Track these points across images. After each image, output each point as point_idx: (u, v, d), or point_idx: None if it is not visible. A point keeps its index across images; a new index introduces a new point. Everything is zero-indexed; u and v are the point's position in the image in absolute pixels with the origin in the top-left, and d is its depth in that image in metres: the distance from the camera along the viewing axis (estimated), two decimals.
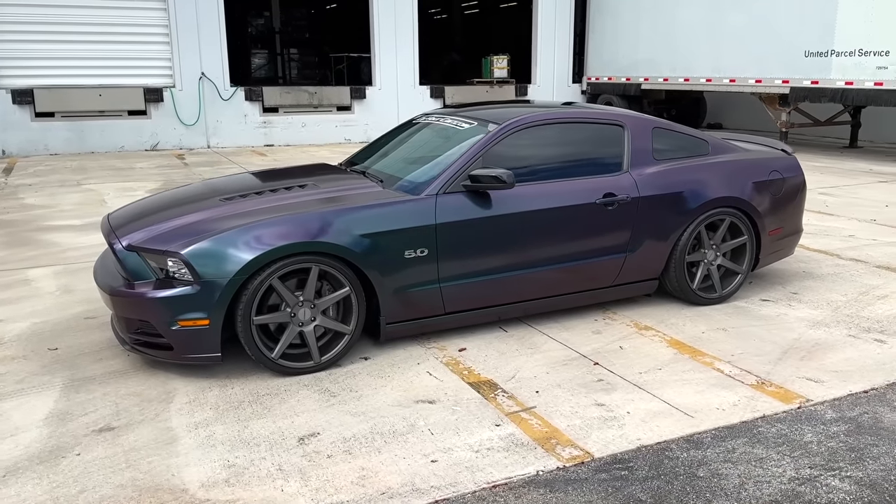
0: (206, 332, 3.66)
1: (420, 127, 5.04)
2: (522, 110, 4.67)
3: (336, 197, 4.09)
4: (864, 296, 5.12)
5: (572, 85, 18.51)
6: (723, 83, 14.42)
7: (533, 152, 4.45)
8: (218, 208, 4.03)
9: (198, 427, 3.32)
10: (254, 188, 4.37)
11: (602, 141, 4.64)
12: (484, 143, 4.28)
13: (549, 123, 4.52)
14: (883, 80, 11.60)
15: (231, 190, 4.41)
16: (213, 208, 4.04)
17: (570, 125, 4.59)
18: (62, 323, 4.69)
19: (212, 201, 4.19)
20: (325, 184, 4.37)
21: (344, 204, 3.97)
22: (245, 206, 4.02)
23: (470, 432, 3.24)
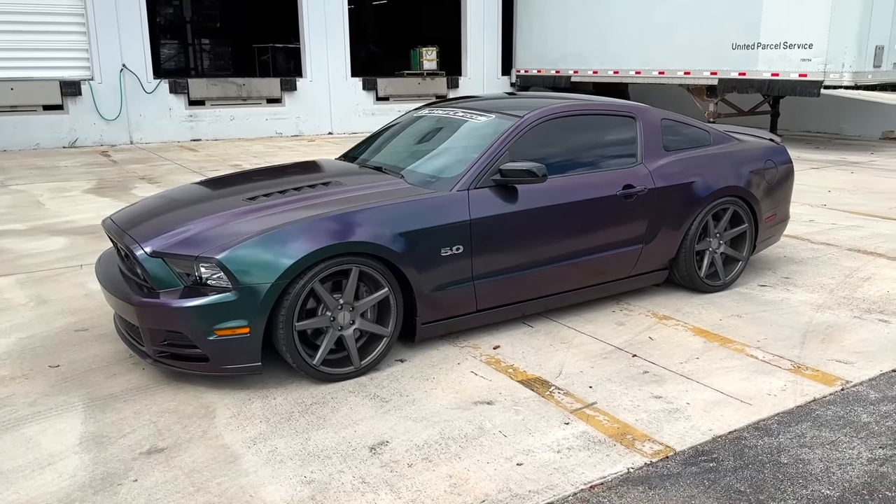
0: (246, 340, 3.45)
1: (427, 121, 4.92)
2: (536, 102, 4.64)
3: (367, 195, 3.93)
4: (850, 278, 5.36)
5: (501, 77, 18.63)
6: (652, 76, 14.83)
7: (553, 144, 4.42)
8: (244, 209, 3.80)
9: (255, 442, 3.12)
10: (275, 187, 4.14)
11: (617, 132, 4.66)
12: (509, 137, 4.21)
13: (568, 115, 4.50)
14: (807, 71, 12.22)
15: (249, 189, 4.17)
16: (238, 209, 3.80)
17: (587, 117, 4.59)
18: (51, 337, 4.32)
19: (234, 201, 3.95)
20: (348, 181, 4.19)
21: (379, 201, 3.82)
22: (273, 206, 3.80)
23: (542, 432, 3.18)
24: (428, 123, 4.86)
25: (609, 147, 4.61)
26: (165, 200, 4.27)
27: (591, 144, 4.56)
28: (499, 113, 4.49)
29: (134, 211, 4.16)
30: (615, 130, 4.66)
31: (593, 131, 4.59)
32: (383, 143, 4.96)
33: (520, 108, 4.49)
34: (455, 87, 18.05)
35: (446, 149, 4.45)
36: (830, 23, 11.76)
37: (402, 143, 4.79)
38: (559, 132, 4.45)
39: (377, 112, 17.11)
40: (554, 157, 4.38)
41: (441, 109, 4.94)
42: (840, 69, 11.81)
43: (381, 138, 5.08)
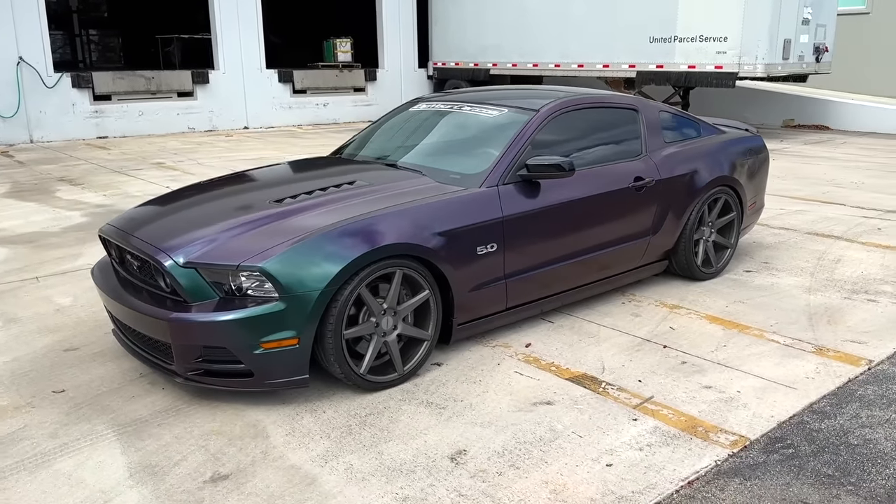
0: (294, 352, 3.24)
1: (428, 115, 4.77)
2: (539, 93, 4.64)
3: (399, 194, 3.77)
4: (822, 261, 5.64)
5: (419, 70, 18.51)
6: (571, 68, 15.13)
7: (566, 137, 4.39)
8: (274, 212, 3.56)
9: (326, 460, 2.93)
10: (298, 188, 3.90)
11: (623, 124, 4.69)
12: (530, 130, 4.15)
13: (580, 108, 4.49)
14: (722, 63, 12.79)
15: (269, 191, 3.92)
16: (267, 212, 3.56)
17: (596, 109, 4.59)
18: (39, 359, 3.93)
19: (259, 204, 3.69)
20: (372, 180, 4.00)
21: (415, 201, 3.67)
22: (306, 208, 3.58)
23: (616, 430, 3.15)
24: (431, 118, 4.73)
25: (617, 139, 4.64)
26: (173, 204, 3.95)
27: (601, 137, 4.58)
28: (510, 106, 4.42)
29: (139, 217, 3.83)
30: (621, 122, 4.69)
31: (601, 123, 4.61)
32: (386, 139, 4.79)
33: (527, 101, 4.44)
34: (373, 80, 17.80)
35: (464, 144, 4.34)
36: (744, 17, 12.35)
37: (410, 139, 4.64)
38: (571, 125, 4.43)
39: (294, 105, 16.64)
40: (568, 149, 4.36)
41: (441, 103, 4.82)
42: (753, 61, 12.43)
43: (379, 134, 4.90)
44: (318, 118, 17.07)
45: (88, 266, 5.61)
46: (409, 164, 4.26)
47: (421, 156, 4.35)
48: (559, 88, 5.06)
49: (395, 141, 4.69)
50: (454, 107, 4.66)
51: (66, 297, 4.92)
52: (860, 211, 7.39)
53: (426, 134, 4.61)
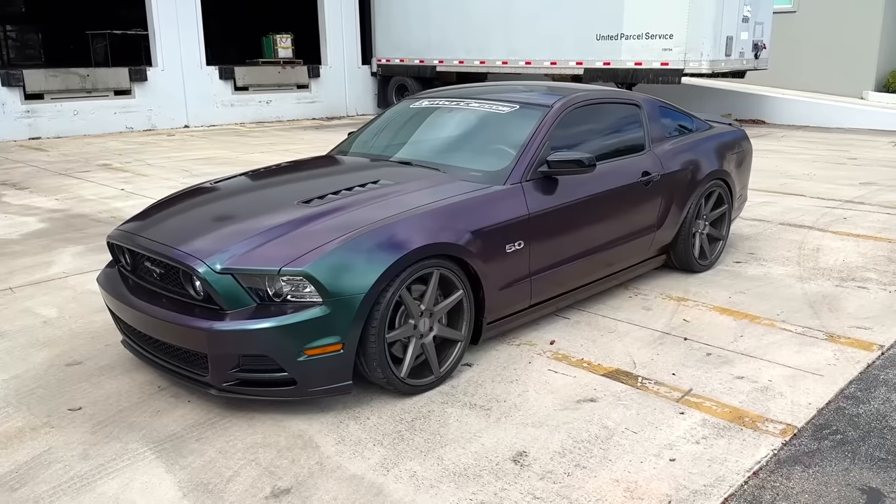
0: (338, 358, 3.13)
1: (433, 112, 4.68)
2: (544, 88, 4.64)
3: (427, 192, 3.69)
4: (803, 250, 5.84)
5: (362, 66, 18.30)
6: (519, 65, 15.23)
7: (576, 133, 4.39)
8: (305, 213, 3.42)
9: (387, 469, 2.84)
10: (322, 188, 3.77)
11: (627, 120, 4.73)
12: (547, 126, 4.13)
13: (589, 104, 4.50)
14: (668, 60, 13.11)
15: (291, 191, 3.77)
16: (297, 214, 3.42)
17: (603, 105, 4.61)
18: (42, 375, 3.68)
19: (285, 205, 3.54)
20: (394, 178, 3.90)
21: (447, 199, 3.60)
22: (336, 209, 3.45)
23: (668, 425, 3.16)
24: (437, 115, 4.65)
25: (623, 134, 4.67)
26: (189, 207, 3.76)
27: (609, 132, 4.60)
28: (520, 102, 4.39)
29: (155, 221, 3.63)
30: (626, 118, 4.73)
31: (608, 119, 4.63)
32: (393, 136, 4.68)
33: (533, 97, 4.43)
34: (316, 77, 17.49)
35: (478, 141, 4.29)
36: (689, 15, 12.68)
37: (420, 137, 4.55)
38: (580, 120, 4.43)
39: (236, 103, 16.20)
40: (579, 145, 4.36)
41: (444, 100, 4.73)
42: (699, 58, 12.79)
43: (383, 132, 4.79)
44: (262, 116, 16.67)
45: (63, 275, 5.30)
46: (425, 162, 4.17)
47: (436, 153, 4.27)
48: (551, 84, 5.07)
49: (404, 138, 4.60)
50: (459, 103, 4.60)
51: (49, 308, 4.63)
52: (821, 201, 7.69)
53: (436, 131, 4.53)
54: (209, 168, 10.02)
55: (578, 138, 4.37)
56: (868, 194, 8.07)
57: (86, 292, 4.91)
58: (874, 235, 6.27)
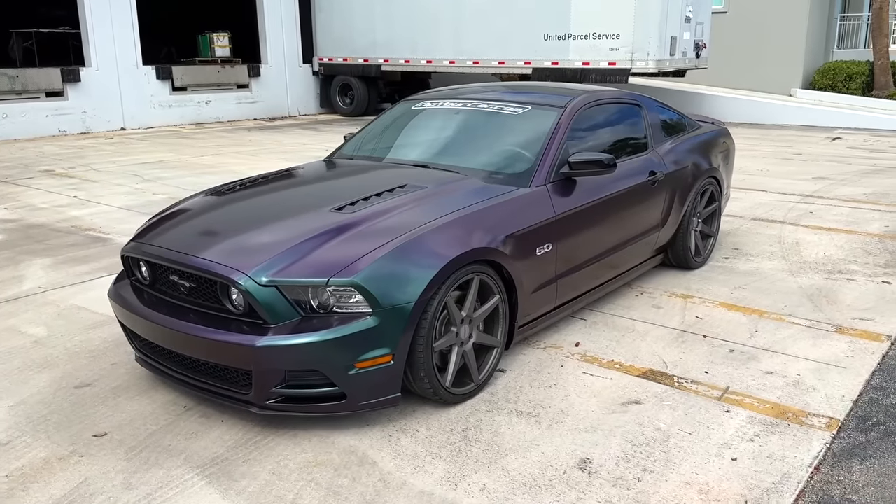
0: (388, 370, 3.02)
1: (439, 113, 4.57)
2: (553, 89, 4.62)
3: (459, 196, 3.61)
4: (783, 245, 6.02)
5: (303, 65, 17.96)
6: (466, 65, 15.24)
7: (587, 133, 4.38)
8: (342, 221, 3.29)
9: (455, 483, 2.76)
10: (350, 194, 3.63)
11: (631, 119, 4.76)
12: (564, 127, 4.11)
13: (598, 104, 4.50)
14: (616, 59, 13.35)
15: (316, 198, 3.63)
16: (333, 222, 3.29)
17: (609, 105, 4.62)
18: (50, 400, 3.44)
19: (317, 213, 3.40)
20: (420, 181, 3.80)
21: (480, 203, 3.54)
22: (372, 216, 3.34)
23: (718, 424, 3.18)
24: (445, 117, 4.55)
25: (628, 134, 4.70)
26: (210, 215, 3.57)
27: (615, 132, 4.62)
28: (532, 103, 4.35)
29: (178, 232, 3.42)
30: (629, 118, 4.75)
31: (615, 119, 4.65)
32: (401, 139, 4.57)
33: (543, 97, 4.41)
34: (257, 76, 17.06)
35: (493, 143, 4.22)
36: (635, 15, 12.94)
37: (430, 139, 4.45)
38: (589, 121, 4.42)
39: (175, 104, 15.65)
40: (589, 146, 4.35)
41: (449, 101, 4.64)
42: (645, 57, 13.07)
43: (388, 134, 4.67)
44: (201, 117, 16.15)
45: (40, 290, 4.98)
46: (443, 165, 4.09)
47: (453, 156, 4.19)
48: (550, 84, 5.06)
49: (415, 141, 4.49)
50: (466, 104, 4.53)
51: (35, 326, 4.34)
52: (783, 196, 7.95)
53: (449, 133, 4.43)
54: (162, 172, 9.63)
55: (588, 139, 4.36)
56: (823, 188, 8.39)
57: (71, 308, 4.62)
58: (844, 229, 6.51)
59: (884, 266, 5.42)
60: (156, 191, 8.42)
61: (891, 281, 5.08)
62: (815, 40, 19.01)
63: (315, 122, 16.44)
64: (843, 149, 11.68)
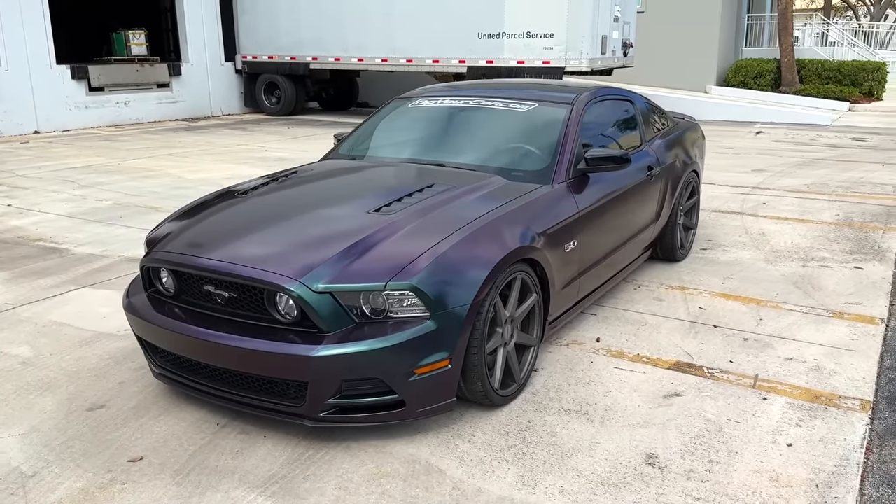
0: (445, 375, 2.94)
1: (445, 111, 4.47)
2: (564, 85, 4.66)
3: (491, 195, 3.55)
4: (750, 235, 6.25)
5: (225, 63, 17.38)
6: (399, 63, 15.12)
7: (592, 129, 4.40)
8: (380, 221, 3.18)
9: (533, 486, 2.71)
10: (381, 195, 3.50)
11: (627, 116, 4.82)
12: (576, 123, 4.11)
13: (601, 100, 4.53)
14: (550, 58, 13.55)
15: (346, 200, 3.49)
16: (373, 222, 3.17)
17: (608, 102, 4.66)
18: (66, 425, 3.18)
19: (355, 215, 3.27)
20: (446, 181, 3.71)
21: (514, 201, 3.49)
22: (411, 217, 3.23)
23: (762, 412, 3.26)
24: (448, 114, 4.46)
25: (626, 130, 4.76)
26: (236, 221, 3.37)
27: (615, 127, 4.67)
28: (538, 100, 4.34)
29: (208, 240, 3.21)
30: (625, 113, 4.82)
31: (614, 115, 4.70)
32: (405, 138, 4.46)
33: (550, 94, 4.41)
34: (178, 75, 16.39)
35: (506, 140, 4.19)
36: (568, 14, 13.17)
37: (436, 138, 4.35)
38: (595, 116, 4.45)
39: (92, 105, 14.84)
40: (595, 141, 4.38)
41: (449, 99, 4.55)
42: (579, 56, 13.32)
43: (390, 134, 4.56)
44: (120, 118, 15.39)
45: (8, 307, 4.61)
46: (460, 164, 4.01)
47: (468, 154, 4.11)
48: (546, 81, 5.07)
49: (422, 140, 4.39)
50: (469, 102, 4.47)
51: (18, 346, 4.00)
52: (732, 188, 8.26)
53: (458, 132, 4.36)
54: (98, 177, 9.11)
55: (593, 134, 4.38)
56: (766, 180, 8.77)
57: (51, 325, 4.29)
58: (801, 218, 6.82)
59: (850, 252, 5.70)
60: (98, 197, 7.95)
61: (862, 266, 5.35)
62: (727, 39, 19.90)
63: (242, 122, 15.95)
64: (769, 142, 12.26)
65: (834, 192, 8.02)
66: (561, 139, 3.99)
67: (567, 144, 3.96)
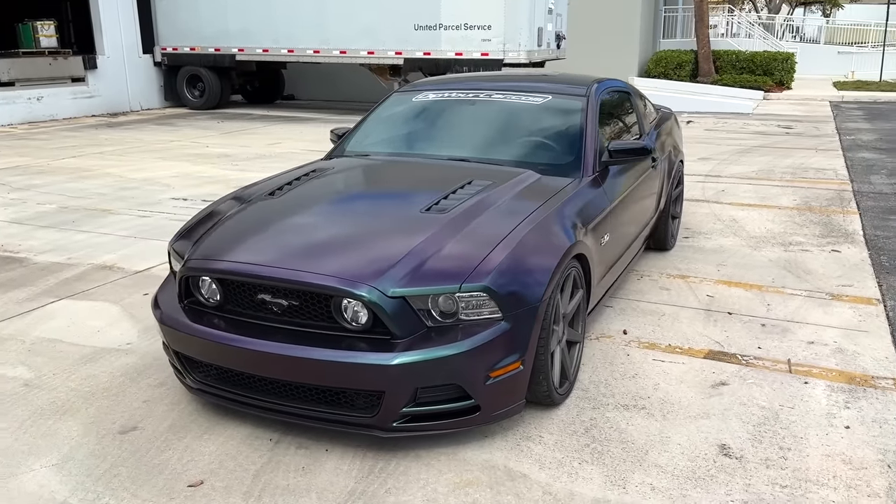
0: (518, 376, 2.87)
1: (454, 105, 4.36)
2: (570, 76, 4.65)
3: (533, 190, 3.49)
4: (722, 222, 6.43)
5: (144, 55, 16.56)
6: (332, 55, 14.81)
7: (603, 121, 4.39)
8: (437, 220, 3.06)
9: (622, 486, 2.68)
10: (427, 193, 3.37)
11: (627, 106, 4.84)
12: (594, 115, 4.10)
13: (608, 91, 4.52)
14: (488, 50, 13.55)
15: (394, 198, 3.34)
16: (430, 222, 3.05)
17: (615, 92, 4.67)
18: (102, 451, 2.93)
19: (410, 214, 3.13)
20: (483, 177, 3.61)
21: (556, 197, 3.44)
22: (467, 215, 3.13)
23: (809, 396, 3.33)
24: (461, 109, 4.33)
25: (628, 120, 4.78)
26: (277, 225, 3.17)
27: (620, 118, 4.68)
28: (551, 92, 4.30)
29: (258, 246, 3.00)
30: (626, 104, 4.84)
31: (618, 106, 4.71)
32: (417, 133, 4.31)
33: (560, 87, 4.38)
34: (93, 68, 15.49)
35: (526, 134, 4.12)
36: (505, 6, 13.20)
37: (456, 133, 4.23)
38: (605, 108, 4.43)
39: (1, 101, 13.85)
40: (608, 133, 4.37)
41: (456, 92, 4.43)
42: (517, 48, 13.39)
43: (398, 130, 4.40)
44: (34, 115, 14.42)
45: None
46: (484, 159, 3.92)
47: (490, 149, 4.02)
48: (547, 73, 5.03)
49: (437, 135, 4.26)
50: (479, 95, 4.37)
51: (13, 368, 3.67)
52: (687, 177, 8.45)
53: (471, 126, 4.25)
54: (31, 180, 8.50)
55: (604, 126, 4.37)
56: (715, 168, 9.06)
57: (39, 342, 3.95)
58: (763, 204, 7.07)
59: (822, 236, 5.95)
60: (39, 200, 7.41)
61: (839, 249, 5.58)
62: (646, 31, 20.47)
63: (165, 117, 15.25)
64: (702, 131, 12.68)
65: (783, 178, 8.36)
66: (584, 132, 3.97)
67: (591, 137, 3.94)
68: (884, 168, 8.96)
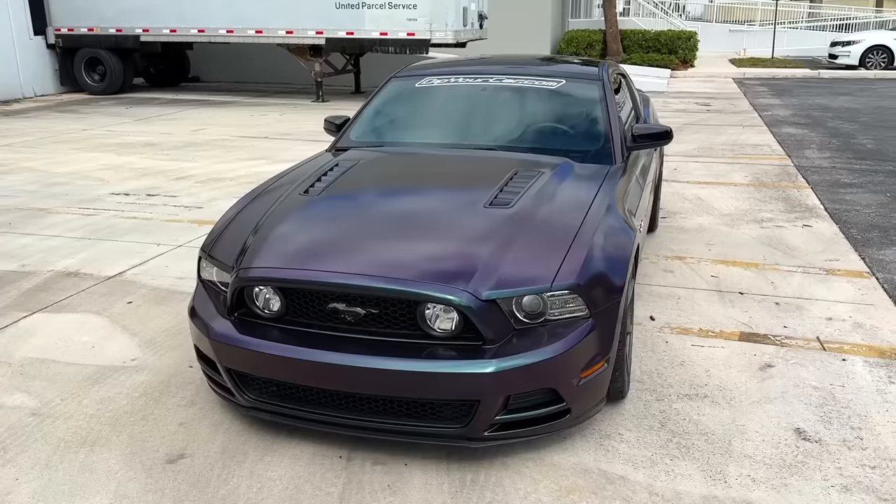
0: (602, 376, 2.78)
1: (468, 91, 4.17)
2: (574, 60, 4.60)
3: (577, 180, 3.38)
4: (689, 201, 6.55)
5: (35, 37, 15.28)
6: (248, 34, 14.14)
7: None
8: (505, 216, 2.91)
9: (724, 481, 2.64)
10: (481, 187, 3.19)
11: (626, 89, 4.80)
12: (611, 98, 4.03)
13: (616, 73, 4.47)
14: (414, 30, 13.29)
15: (449, 193, 3.15)
16: (499, 218, 2.90)
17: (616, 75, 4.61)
18: (156, 485, 2.64)
19: (473, 210, 2.95)
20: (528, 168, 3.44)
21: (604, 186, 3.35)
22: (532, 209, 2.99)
23: (851, 374, 3.40)
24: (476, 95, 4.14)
25: (630, 102, 4.75)
26: (334, 227, 2.92)
27: (626, 101, 4.63)
28: (564, 75, 4.19)
29: (322, 252, 2.74)
30: (625, 86, 4.80)
31: (619, 89, 4.64)
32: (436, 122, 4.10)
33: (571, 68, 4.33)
34: None
35: (549, 119, 4.00)
36: None
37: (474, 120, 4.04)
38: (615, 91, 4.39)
39: None
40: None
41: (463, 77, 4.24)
42: (444, 28, 13.19)
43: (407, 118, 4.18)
44: None
45: None
46: (512, 146, 3.78)
47: (515, 137, 3.88)
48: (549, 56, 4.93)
49: (454, 122, 4.05)
50: (489, 79, 4.21)
51: (9, 394, 3.26)
52: None
53: (488, 112, 4.07)
54: None
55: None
56: None
57: (28, 363, 3.54)
58: (720, 182, 7.26)
59: (788, 212, 6.16)
60: None
61: (810, 224, 5.79)
62: (556, 11, 20.70)
63: (66, 103, 14.15)
64: None
65: (724, 155, 8.63)
66: (608, 117, 3.89)
67: (615, 122, 3.87)
68: (812, 143, 9.40)
